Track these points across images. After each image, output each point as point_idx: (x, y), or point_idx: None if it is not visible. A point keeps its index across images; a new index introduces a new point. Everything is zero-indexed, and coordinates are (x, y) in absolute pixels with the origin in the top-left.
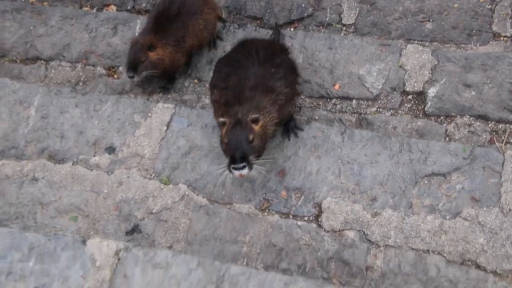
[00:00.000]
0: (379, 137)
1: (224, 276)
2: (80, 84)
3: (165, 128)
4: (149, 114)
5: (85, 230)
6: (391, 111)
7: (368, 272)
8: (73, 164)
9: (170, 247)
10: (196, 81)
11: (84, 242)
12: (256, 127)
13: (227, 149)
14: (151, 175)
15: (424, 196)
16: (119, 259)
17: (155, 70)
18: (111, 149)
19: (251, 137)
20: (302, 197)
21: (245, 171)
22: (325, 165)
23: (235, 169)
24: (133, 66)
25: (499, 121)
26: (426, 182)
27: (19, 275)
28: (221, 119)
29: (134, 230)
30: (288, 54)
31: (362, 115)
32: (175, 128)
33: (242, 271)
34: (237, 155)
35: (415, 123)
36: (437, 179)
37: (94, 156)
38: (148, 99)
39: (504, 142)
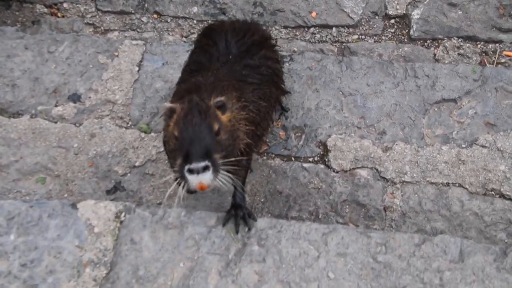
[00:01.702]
0: (381, 64)
1: (250, 231)
2: (18, 25)
3: (136, 68)
4: (116, 54)
5: (57, 193)
6: (374, 37)
7: (387, 213)
8: (31, 117)
9: (159, 204)
10: (155, 15)
11: (74, 206)
12: (223, 117)
13: (178, 144)
14: (128, 123)
15: (435, 125)
16: (121, 222)
17: None
18: (75, 97)
19: (216, 126)
20: (303, 136)
21: (207, 176)
22: (325, 98)
23: (192, 172)
24: None
25: (488, 41)
26: (436, 109)
27: None
28: (168, 104)
29: (116, 188)
30: (272, 46)
31: (344, 44)
32: (148, 68)
33: (271, 223)
34: (195, 149)
35: (401, 49)
36: (448, 105)
37: (56, 106)
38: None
39: (495, 63)
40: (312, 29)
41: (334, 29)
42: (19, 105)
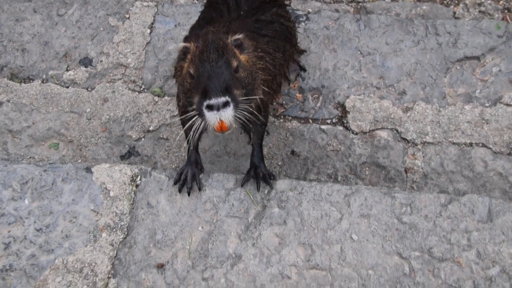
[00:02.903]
0: (400, 21)
1: (270, 193)
2: None
3: (148, 31)
4: (127, 16)
5: (71, 159)
6: None
7: (408, 174)
8: (42, 82)
9: (176, 168)
10: None
11: (89, 170)
12: (241, 56)
13: (195, 82)
14: (140, 87)
15: (457, 84)
16: (137, 185)
17: None
18: (87, 61)
19: (234, 63)
20: (321, 98)
21: (228, 113)
22: (342, 58)
23: (211, 108)
24: None
25: None
26: (458, 68)
27: (14, 216)
28: (181, 44)
29: (130, 153)
30: (283, 5)
31: (360, 4)
32: (160, 30)
33: (291, 185)
34: (214, 84)
35: (419, 7)
36: (470, 63)
37: (68, 70)
38: None
39: None
40: None
41: None
42: (29, 70)
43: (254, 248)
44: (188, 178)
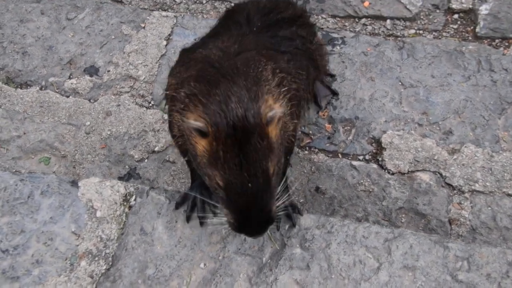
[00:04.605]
0: (449, 53)
1: (291, 230)
2: None
3: (164, 42)
4: (142, 25)
5: (62, 176)
6: (434, 33)
7: (453, 226)
8: (41, 88)
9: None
10: None
11: (74, 183)
12: (272, 128)
13: (226, 199)
14: (149, 103)
15: None
16: (130, 207)
17: None
18: (92, 70)
19: (271, 166)
20: (354, 130)
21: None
22: (381, 89)
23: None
24: None
25: None
26: None
27: None
28: (193, 123)
29: (130, 174)
30: (305, 24)
31: (399, 38)
32: (177, 43)
33: (318, 222)
34: (254, 224)
35: (464, 47)
36: None
37: (70, 78)
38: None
39: None
40: (363, 20)
41: (388, 21)
42: (28, 75)
43: None
44: (198, 203)
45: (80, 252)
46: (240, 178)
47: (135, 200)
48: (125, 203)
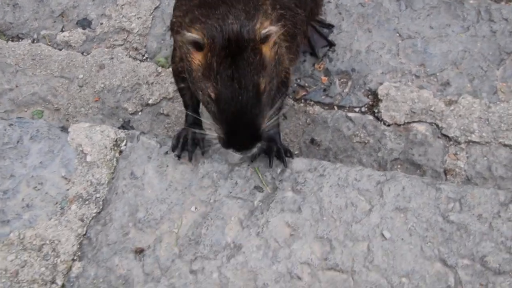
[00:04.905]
0: (448, 4)
1: (283, 173)
2: None
3: None
4: None
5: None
6: None
7: (448, 177)
8: (33, 41)
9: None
10: None
11: (64, 129)
12: (266, 49)
13: (218, 112)
14: (143, 55)
15: None
16: (120, 151)
17: None
18: (85, 22)
19: (263, 83)
20: (350, 83)
21: (253, 150)
22: (378, 40)
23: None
24: None
25: None
26: None
27: None
28: (190, 35)
29: (123, 127)
30: None
31: None
32: None
33: (310, 165)
34: (242, 139)
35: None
36: None
37: (63, 31)
38: None
39: None
40: None
41: None
42: (19, 28)
43: (259, 238)
44: (189, 140)
45: (71, 196)
46: (231, 88)
47: (125, 145)
48: (115, 148)
